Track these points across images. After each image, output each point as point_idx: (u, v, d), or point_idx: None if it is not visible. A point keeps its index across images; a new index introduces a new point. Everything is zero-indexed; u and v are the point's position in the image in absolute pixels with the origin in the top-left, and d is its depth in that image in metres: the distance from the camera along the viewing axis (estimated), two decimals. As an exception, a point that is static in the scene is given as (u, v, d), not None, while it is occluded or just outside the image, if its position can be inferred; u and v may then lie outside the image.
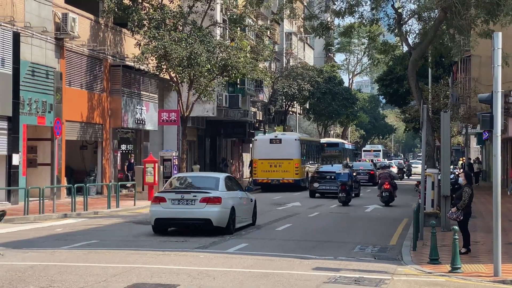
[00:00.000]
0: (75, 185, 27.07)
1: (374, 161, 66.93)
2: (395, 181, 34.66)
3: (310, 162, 48.83)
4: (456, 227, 14.70)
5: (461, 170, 43.26)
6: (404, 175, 69.97)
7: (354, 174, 37.98)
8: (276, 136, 46.24)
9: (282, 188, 43.20)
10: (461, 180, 17.05)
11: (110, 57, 36.77)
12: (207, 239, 19.31)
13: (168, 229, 20.71)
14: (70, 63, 33.38)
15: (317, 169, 40.74)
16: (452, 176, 27.64)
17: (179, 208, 20.00)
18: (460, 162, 59.55)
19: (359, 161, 71.77)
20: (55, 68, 31.44)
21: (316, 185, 38.38)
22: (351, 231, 22.16)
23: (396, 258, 16.43)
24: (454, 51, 28.87)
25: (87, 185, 28.41)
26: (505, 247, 16.36)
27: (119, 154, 38.75)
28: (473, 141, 67.16)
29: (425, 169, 21.49)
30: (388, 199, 32.59)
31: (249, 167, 53.30)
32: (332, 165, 41.99)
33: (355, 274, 13.71)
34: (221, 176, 21.75)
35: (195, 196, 20.00)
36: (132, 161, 39.07)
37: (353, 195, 34.06)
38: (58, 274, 13.14)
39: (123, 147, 40.07)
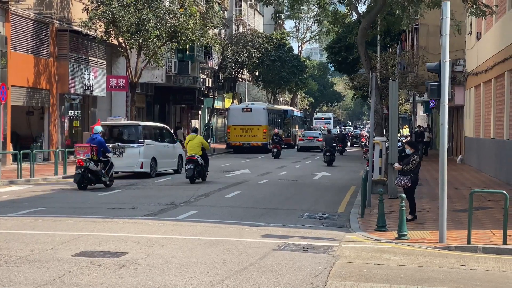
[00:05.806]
0: (21, 151, 26.66)
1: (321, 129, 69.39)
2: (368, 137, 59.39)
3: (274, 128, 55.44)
4: (403, 195, 14.86)
5: (407, 139, 43.83)
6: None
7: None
8: (247, 106, 53.84)
9: (252, 150, 50.99)
10: (408, 150, 17.05)
11: (57, 21, 36.09)
12: (156, 206, 19.27)
13: (305, 150, 53.32)
14: (15, 27, 32.68)
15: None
16: (399, 144, 28.04)
17: (309, 142, 53.97)
18: (404, 130, 59.93)
19: (311, 129, 72.32)
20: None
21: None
22: (299, 199, 22.28)
23: (344, 225, 16.58)
24: (404, 21, 28.99)
25: (34, 151, 28.01)
26: (450, 214, 16.69)
27: (66, 120, 38.24)
28: (420, 109, 67.93)
29: (374, 137, 21.70)
30: (364, 146, 51.40)
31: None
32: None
33: (303, 241, 13.80)
34: (319, 131, 50.95)
35: (315, 138, 53.95)
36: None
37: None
38: (4, 242, 12.95)
39: (71, 113, 39.54)
